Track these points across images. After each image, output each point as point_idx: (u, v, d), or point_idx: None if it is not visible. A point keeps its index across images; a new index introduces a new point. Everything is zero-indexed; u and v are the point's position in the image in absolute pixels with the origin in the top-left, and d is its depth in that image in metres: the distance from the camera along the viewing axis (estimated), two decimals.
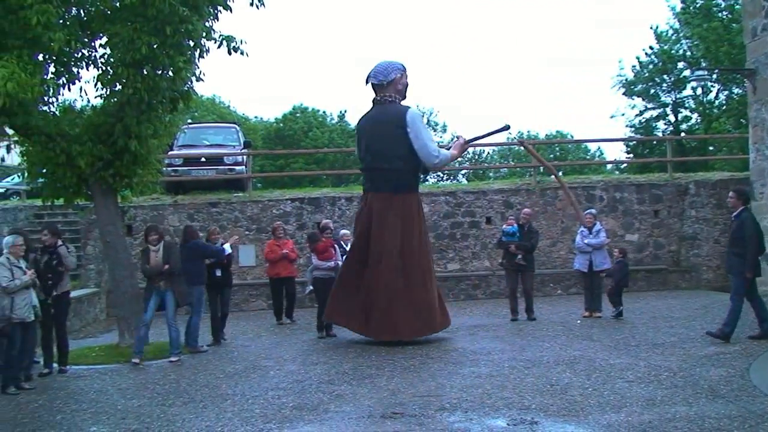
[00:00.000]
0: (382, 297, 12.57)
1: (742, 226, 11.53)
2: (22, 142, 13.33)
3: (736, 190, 12.27)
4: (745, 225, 11.50)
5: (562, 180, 16.49)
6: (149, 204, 19.99)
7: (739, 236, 11.49)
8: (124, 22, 12.25)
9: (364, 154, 13.58)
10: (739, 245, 11.45)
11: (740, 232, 11.51)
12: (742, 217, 11.65)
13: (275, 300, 16.38)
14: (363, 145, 13.63)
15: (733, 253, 11.58)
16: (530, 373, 9.70)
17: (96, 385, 10.36)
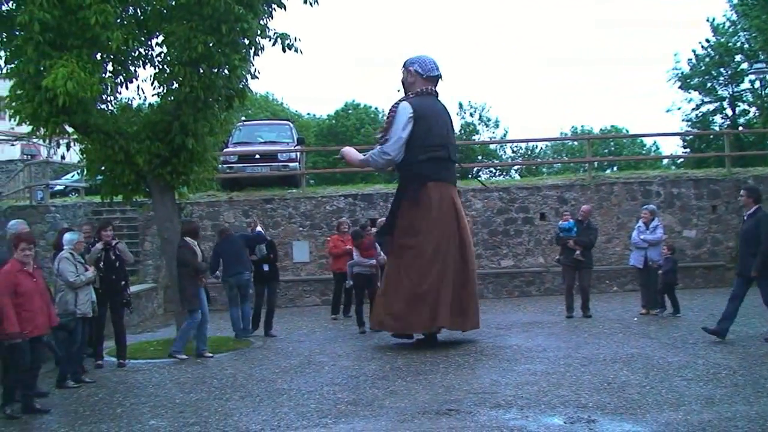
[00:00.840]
0: (453, 289, 12.22)
1: (758, 225, 11.21)
2: (82, 140, 13.54)
3: (747, 188, 12.01)
4: (762, 224, 11.18)
5: None
6: (205, 200, 20.25)
7: (755, 236, 11.16)
8: (180, 21, 12.40)
9: (433, 141, 12.64)
10: (754, 245, 11.13)
11: (755, 231, 11.18)
12: (758, 216, 11.34)
13: (335, 295, 16.55)
14: (429, 135, 12.64)
15: (749, 253, 11.24)
16: (587, 370, 9.61)
17: (154, 379, 10.53)
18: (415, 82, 13.07)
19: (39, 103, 11.65)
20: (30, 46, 11.44)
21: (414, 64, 13.14)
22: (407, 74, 13.17)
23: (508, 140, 55.72)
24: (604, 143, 51.94)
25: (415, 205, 12.50)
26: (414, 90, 13.05)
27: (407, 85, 13.23)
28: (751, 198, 11.55)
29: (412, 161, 12.57)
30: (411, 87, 13.14)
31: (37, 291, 8.87)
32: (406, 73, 13.19)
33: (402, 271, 12.44)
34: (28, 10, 11.22)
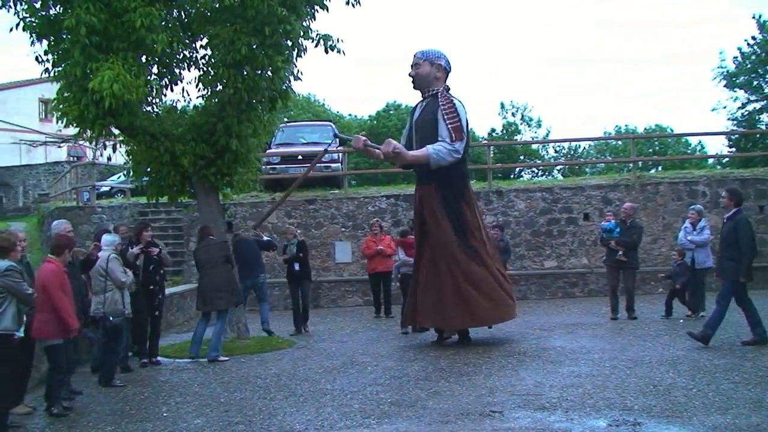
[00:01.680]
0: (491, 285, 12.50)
1: (736, 228, 11.02)
2: (128, 141, 13.73)
3: (729, 191, 11.75)
4: (740, 228, 11.01)
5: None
6: (248, 201, 20.41)
7: (733, 239, 10.98)
8: (224, 24, 12.52)
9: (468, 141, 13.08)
10: (732, 248, 10.97)
11: (734, 235, 10.99)
12: (737, 219, 11.15)
13: (374, 295, 16.66)
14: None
15: (726, 257, 11.09)
16: (632, 373, 9.50)
17: (199, 378, 10.63)
18: (441, 77, 12.89)
19: (86, 105, 11.83)
20: (77, 49, 11.62)
21: (440, 58, 12.89)
22: (433, 68, 12.81)
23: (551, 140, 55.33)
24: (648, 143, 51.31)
25: (468, 205, 12.72)
26: (439, 86, 12.83)
27: (430, 80, 12.83)
28: (732, 200, 11.34)
29: (464, 161, 12.82)
30: (434, 82, 12.84)
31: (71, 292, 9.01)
32: (431, 67, 12.81)
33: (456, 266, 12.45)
34: (75, 13, 11.41)
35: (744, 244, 10.90)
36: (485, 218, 20.02)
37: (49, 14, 12.36)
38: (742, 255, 10.88)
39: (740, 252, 10.90)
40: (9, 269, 7.58)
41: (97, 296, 10.46)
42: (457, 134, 12.38)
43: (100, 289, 10.45)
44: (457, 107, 12.54)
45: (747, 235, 11.02)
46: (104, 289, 10.43)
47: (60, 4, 12.20)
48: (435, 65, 12.80)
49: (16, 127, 51.10)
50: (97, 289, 10.49)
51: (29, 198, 45.88)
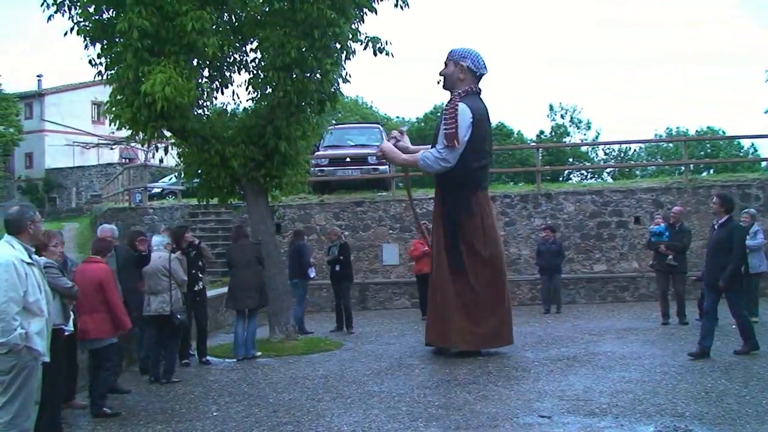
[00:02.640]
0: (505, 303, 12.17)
1: (730, 236, 10.65)
2: (179, 144, 13.91)
3: (720, 196, 11.35)
4: (734, 235, 10.69)
5: None
6: (297, 203, 20.52)
7: (726, 247, 10.62)
8: (274, 27, 12.61)
9: (484, 149, 12.39)
10: (724, 256, 10.62)
11: (728, 242, 10.63)
12: (730, 226, 10.80)
13: (421, 297, 16.67)
14: (482, 139, 12.27)
15: (718, 265, 10.69)
16: (683, 378, 9.38)
17: (249, 378, 10.71)
18: (464, 79, 12.23)
19: (138, 108, 11.99)
20: (129, 52, 11.79)
21: (466, 59, 12.26)
22: (457, 69, 12.24)
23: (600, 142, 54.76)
24: (699, 145, 50.57)
25: (470, 216, 12.08)
26: (462, 87, 12.23)
27: (454, 80, 12.27)
28: (723, 207, 10.95)
29: (465, 168, 12.06)
30: (458, 83, 12.25)
31: None
32: (455, 67, 12.25)
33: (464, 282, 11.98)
34: (128, 17, 11.58)
35: (737, 252, 10.61)
36: (534, 221, 20.00)
37: (102, 18, 12.56)
38: (732, 262, 10.56)
39: (732, 260, 10.56)
40: (47, 265, 7.69)
41: (159, 295, 10.71)
42: (449, 141, 11.84)
43: (164, 288, 10.72)
44: (458, 112, 11.89)
45: (741, 242, 10.77)
46: (168, 288, 10.72)
47: (113, 8, 12.39)
48: (458, 66, 12.25)
49: (70, 129, 52.05)
50: (159, 288, 10.73)
51: (82, 199, 46.74)
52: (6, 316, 6.03)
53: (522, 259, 19.94)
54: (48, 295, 6.63)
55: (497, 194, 20.66)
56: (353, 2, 12.66)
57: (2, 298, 6.05)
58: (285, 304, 13.77)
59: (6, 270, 6.10)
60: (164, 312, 10.69)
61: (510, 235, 20.22)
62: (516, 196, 20.68)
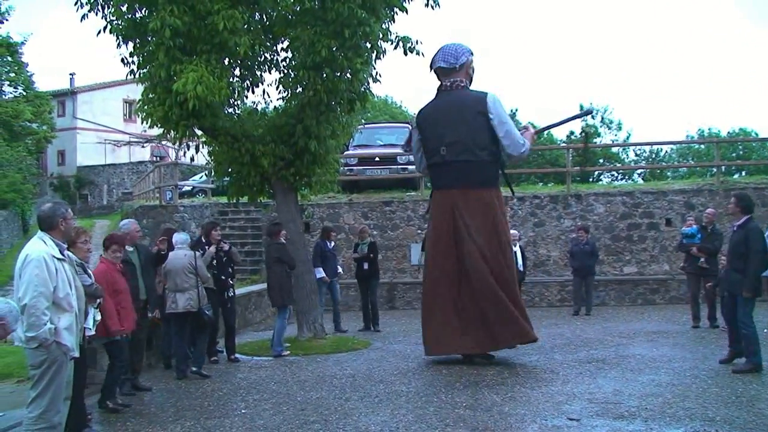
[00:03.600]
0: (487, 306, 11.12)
1: (746, 238, 10.04)
2: (210, 142, 13.98)
3: (738, 196, 10.63)
4: (751, 237, 10.04)
5: None
6: (326, 202, 20.58)
7: (743, 250, 10.03)
8: (304, 26, 12.63)
9: (434, 147, 11.82)
10: (740, 259, 10.07)
11: (744, 245, 10.03)
12: (748, 227, 10.17)
13: None
14: (431, 138, 11.89)
15: (735, 269, 10.18)
16: (714, 383, 9.28)
17: (277, 376, 10.74)
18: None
19: (170, 106, 12.08)
20: (161, 51, 11.87)
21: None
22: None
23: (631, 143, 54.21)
24: (732, 147, 49.99)
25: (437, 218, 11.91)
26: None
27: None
28: (739, 207, 10.37)
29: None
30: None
31: (125, 289, 9.10)
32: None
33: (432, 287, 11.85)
34: (160, 16, 11.66)
35: (755, 254, 9.97)
36: (563, 222, 19.90)
37: (134, 17, 12.63)
38: (749, 267, 9.97)
39: (748, 264, 9.99)
40: None
41: (186, 293, 10.86)
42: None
43: (191, 285, 10.88)
44: None
45: (758, 245, 10.02)
46: (195, 285, 10.92)
47: (146, 6, 12.47)
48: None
49: (101, 127, 52.54)
50: (186, 286, 10.86)
51: (113, 196, 47.20)
52: (36, 311, 6.10)
53: (551, 260, 19.86)
54: (79, 291, 6.70)
55: (527, 194, 20.64)
56: (384, 2, 12.65)
57: (32, 293, 6.13)
58: (313, 302, 13.81)
59: (37, 266, 6.18)
60: (192, 309, 10.86)
61: (539, 236, 20.17)
62: (546, 197, 20.59)
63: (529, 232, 20.11)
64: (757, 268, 10.04)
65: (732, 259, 10.38)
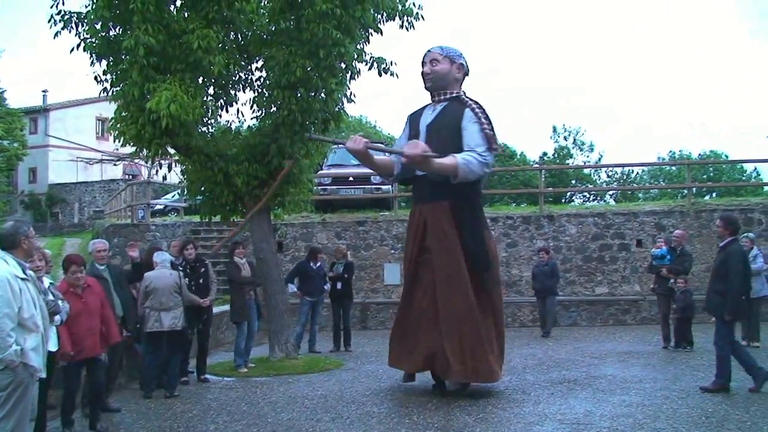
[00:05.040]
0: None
1: (727, 259, 10.04)
2: (183, 161, 13.93)
3: (724, 218, 10.64)
4: (731, 259, 10.01)
5: None
6: (299, 222, 20.55)
7: (724, 271, 10.02)
8: (279, 46, 12.67)
9: None
10: (721, 281, 10.03)
11: (725, 266, 10.03)
12: (729, 249, 10.16)
13: None
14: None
15: (715, 290, 10.12)
16: (684, 403, 9.34)
17: (247, 397, 10.67)
18: (459, 80, 10.87)
19: (143, 125, 12.03)
20: (135, 69, 11.84)
21: (461, 57, 10.83)
22: (454, 68, 10.75)
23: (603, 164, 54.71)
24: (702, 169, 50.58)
25: (488, 231, 11.27)
26: (455, 88, 10.78)
27: (448, 80, 10.69)
28: (727, 229, 10.32)
29: None
30: (451, 83, 10.73)
31: (85, 312, 8.57)
32: (452, 66, 10.72)
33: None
34: (134, 35, 11.64)
35: (734, 277, 9.93)
36: (536, 242, 19.99)
37: (109, 35, 12.61)
38: (730, 290, 9.92)
39: (729, 286, 9.95)
40: None
41: (171, 311, 10.90)
42: (494, 143, 10.37)
43: (175, 304, 10.96)
44: (488, 114, 10.54)
45: (738, 267, 9.99)
46: (180, 304, 11.03)
47: (120, 25, 12.45)
48: (456, 64, 10.75)
49: (74, 144, 52.21)
50: (171, 305, 10.90)
51: (85, 214, 46.84)
52: (1, 332, 5.98)
53: (523, 280, 19.92)
54: (43, 311, 6.59)
55: (500, 215, 20.73)
56: (359, 23, 12.71)
57: None
58: (285, 322, 13.75)
59: (1, 286, 6.05)
60: (177, 327, 10.94)
61: (512, 257, 20.24)
62: (518, 218, 20.69)
63: (502, 253, 20.15)
64: (737, 290, 10.00)
65: (713, 281, 10.38)
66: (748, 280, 10.37)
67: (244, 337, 13.01)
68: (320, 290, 15.39)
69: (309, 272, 15.25)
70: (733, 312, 9.99)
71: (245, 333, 13.01)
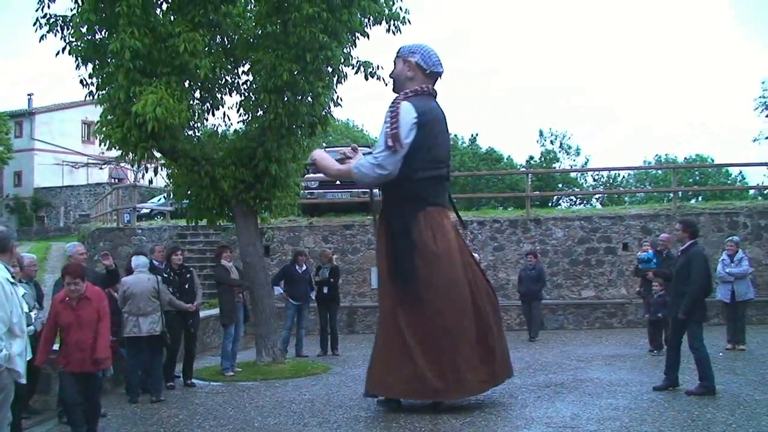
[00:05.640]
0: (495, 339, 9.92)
1: (689, 262, 10.25)
2: (169, 165, 13.88)
3: (683, 221, 10.86)
4: (693, 261, 10.21)
5: None
6: (286, 226, 20.51)
7: (686, 274, 10.20)
8: (266, 50, 12.65)
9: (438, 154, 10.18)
10: (684, 283, 10.19)
11: (687, 269, 10.21)
12: (690, 252, 10.35)
13: None
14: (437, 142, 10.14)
15: (679, 293, 10.30)
16: (670, 406, 9.36)
17: (234, 402, 10.64)
18: (414, 77, 10.20)
19: (129, 128, 11.97)
20: (121, 73, 11.80)
21: (415, 54, 10.18)
22: (405, 66, 10.20)
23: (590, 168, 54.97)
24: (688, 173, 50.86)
25: (407, 238, 9.87)
26: (411, 87, 10.17)
27: (401, 80, 10.27)
28: (687, 232, 10.47)
29: (408, 179, 9.91)
30: (406, 83, 10.21)
31: (75, 325, 8.14)
32: (404, 65, 10.22)
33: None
34: (120, 38, 11.59)
35: (695, 280, 10.11)
36: (523, 246, 20.00)
37: (94, 39, 12.55)
38: (691, 290, 10.10)
39: (690, 287, 10.11)
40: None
41: (149, 316, 10.89)
42: (391, 141, 9.73)
43: (154, 309, 10.94)
44: (400, 111, 9.86)
45: (700, 270, 10.17)
46: (158, 308, 11.00)
47: (106, 28, 12.40)
48: (407, 62, 10.22)
49: (60, 148, 52.00)
50: (149, 309, 10.89)
51: (70, 218, 46.64)
52: None
53: (510, 284, 19.92)
54: (27, 317, 6.49)
55: (486, 219, 20.75)
56: (346, 27, 12.70)
57: None
58: (272, 326, 13.72)
59: None
60: (155, 332, 10.89)
61: (499, 261, 20.26)
62: (505, 221, 20.72)
63: (489, 256, 20.19)
64: (697, 292, 10.15)
65: (677, 284, 10.50)
66: (710, 282, 10.50)
67: (231, 340, 12.97)
68: (305, 294, 15.36)
69: (294, 276, 15.25)
70: (688, 311, 10.13)
71: (232, 336, 12.97)
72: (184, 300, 11.96)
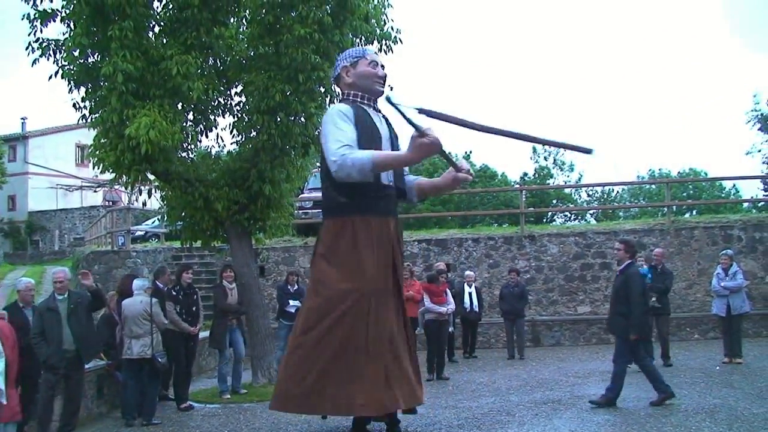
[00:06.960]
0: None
1: (627, 282, 10.50)
2: (163, 187, 13.89)
3: (624, 242, 11.10)
4: (630, 281, 10.43)
5: None
6: (281, 246, 20.50)
7: (624, 294, 10.42)
8: (258, 71, 12.70)
9: None
10: (623, 303, 10.41)
11: (625, 289, 10.44)
12: (628, 272, 10.55)
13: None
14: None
15: (616, 312, 10.54)
16: (667, 421, 9.33)
17: (230, 425, 10.58)
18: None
19: (122, 151, 12.00)
20: (114, 96, 11.83)
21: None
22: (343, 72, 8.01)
23: (583, 184, 55.10)
24: (682, 187, 50.96)
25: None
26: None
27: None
28: (627, 252, 10.74)
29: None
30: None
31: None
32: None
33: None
34: (113, 61, 11.63)
35: (635, 298, 10.36)
36: (518, 263, 19.99)
37: (87, 62, 12.60)
38: (633, 310, 10.34)
39: (630, 307, 10.35)
40: None
41: (141, 339, 10.85)
42: None
43: (145, 332, 10.87)
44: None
45: (637, 289, 10.43)
46: (149, 331, 10.90)
47: (98, 52, 12.45)
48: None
49: (53, 171, 51.96)
50: (141, 332, 10.85)
51: (65, 242, 46.56)
52: None
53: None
54: None
55: (481, 235, 20.78)
56: (337, 47, 12.75)
57: None
58: (268, 348, 13.69)
59: None
60: (146, 355, 10.84)
61: (494, 277, 20.26)
62: (500, 238, 20.74)
63: (484, 273, 20.20)
64: (639, 311, 10.43)
65: (615, 303, 10.71)
66: (646, 300, 10.98)
67: (227, 362, 12.93)
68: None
69: (287, 295, 15.23)
70: (638, 330, 10.39)
71: (227, 358, 12.94)
72: (189, 321, 11.99)
